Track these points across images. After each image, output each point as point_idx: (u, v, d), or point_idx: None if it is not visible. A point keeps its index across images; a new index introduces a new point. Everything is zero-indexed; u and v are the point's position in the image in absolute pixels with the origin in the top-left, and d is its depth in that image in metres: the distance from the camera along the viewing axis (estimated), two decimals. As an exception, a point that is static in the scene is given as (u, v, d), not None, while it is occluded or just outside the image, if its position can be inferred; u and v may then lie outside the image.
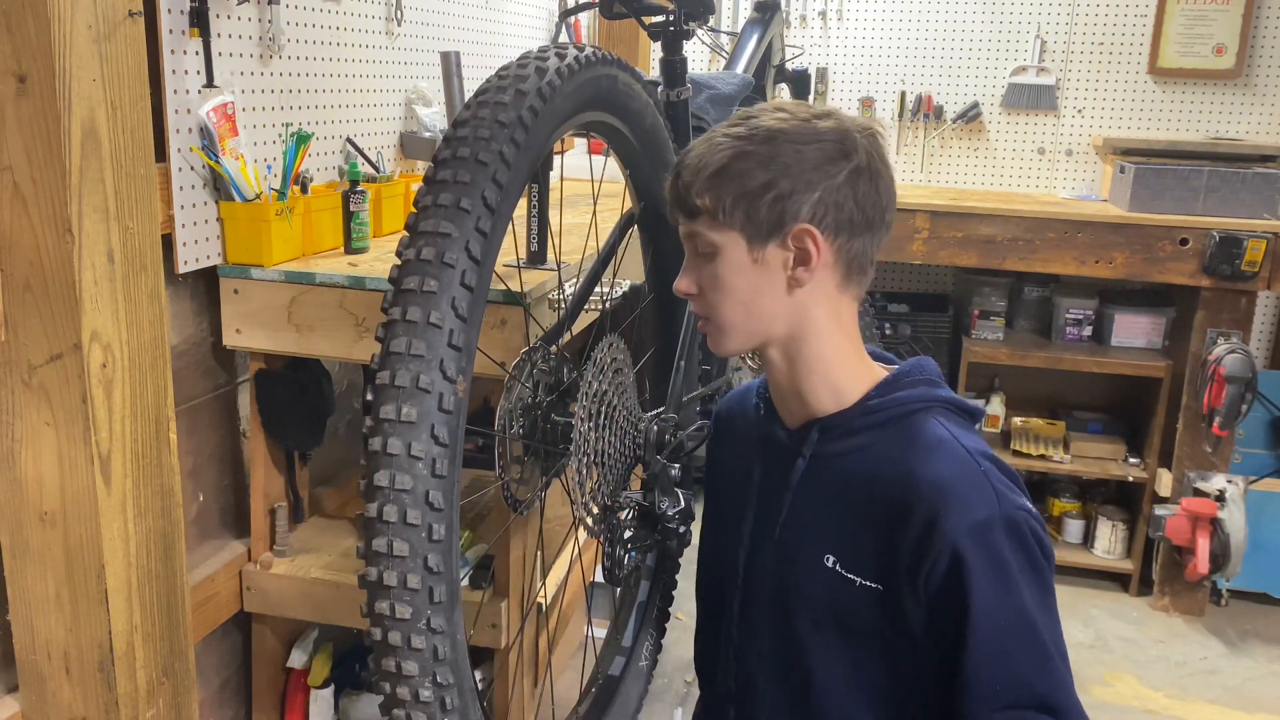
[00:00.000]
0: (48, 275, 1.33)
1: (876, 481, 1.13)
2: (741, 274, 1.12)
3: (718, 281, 1.14)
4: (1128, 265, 3.22)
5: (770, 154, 1.09)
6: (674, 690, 2.76)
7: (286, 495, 2.02)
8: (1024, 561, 1.07)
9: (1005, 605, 1.06)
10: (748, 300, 1.14)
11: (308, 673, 2.08)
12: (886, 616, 1.12)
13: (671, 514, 1.42)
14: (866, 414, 1.16)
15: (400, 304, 0.95)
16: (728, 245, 1.12)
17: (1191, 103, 3.58)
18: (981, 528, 1.06)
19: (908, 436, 1.14)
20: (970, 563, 1.05)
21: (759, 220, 1.10)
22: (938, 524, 1.06)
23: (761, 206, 1.09)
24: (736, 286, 1.13)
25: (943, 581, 1.06)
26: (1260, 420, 3.33)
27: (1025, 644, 1.06)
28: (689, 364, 1.55)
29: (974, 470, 1.09)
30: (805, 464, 1.19)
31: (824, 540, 1.17)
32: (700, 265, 1.15)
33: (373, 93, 2.27)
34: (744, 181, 1.09)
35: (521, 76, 1.08)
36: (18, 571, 1.45)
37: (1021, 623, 1.06)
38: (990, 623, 1.05)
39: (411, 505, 0.92)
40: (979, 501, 1.07)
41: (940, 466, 1.09)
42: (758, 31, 2.25)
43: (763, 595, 1.26)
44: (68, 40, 1.28)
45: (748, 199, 1.09)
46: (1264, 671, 3.07)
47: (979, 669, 1.06)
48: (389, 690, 0.97)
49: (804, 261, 1.11)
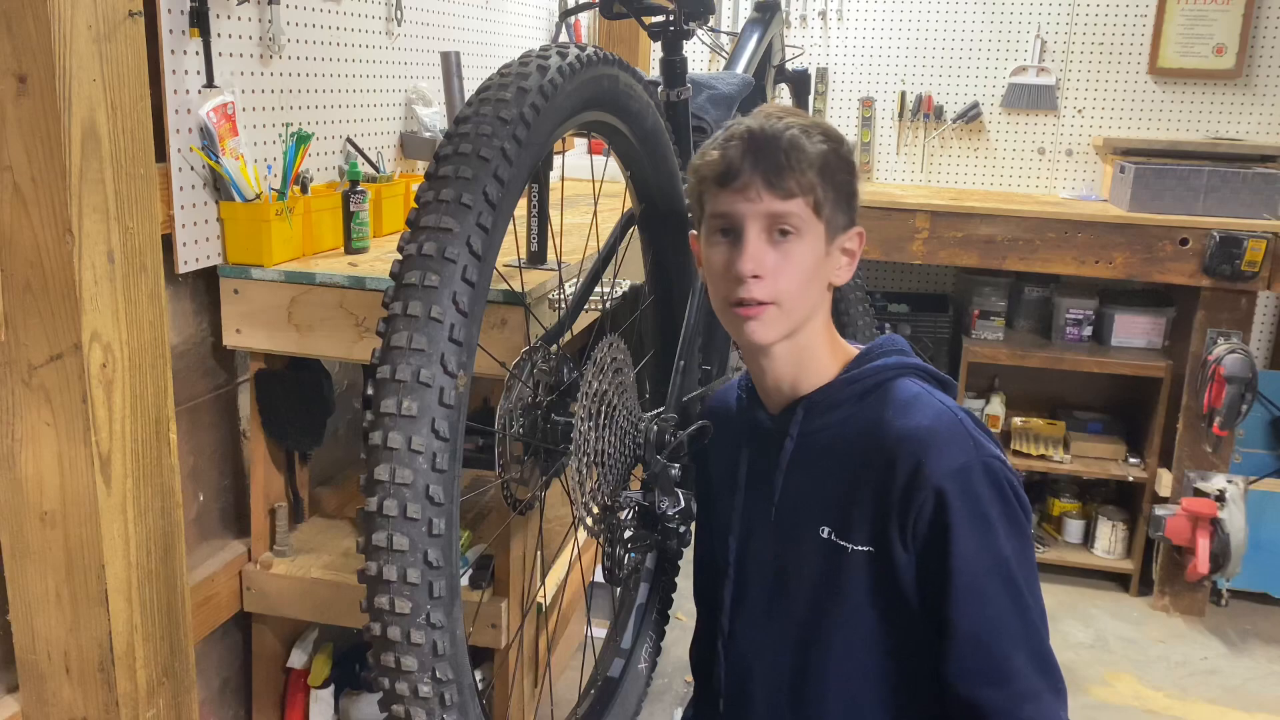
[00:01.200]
0: (48, 275, 1.33)
1: (861, 446, 1.18)
2: (818, 261, 1.17)
3: (797, 264, 1.16)
4: (1128, 265, 3.22)
5: (847, 156, 1.19)
6: (674, 690, 2.76)
7: (286, 495, 2.02)
8: (1001, 510, 1.11)
9: (986, 549, 1.10)
10: (814, 287, 1.18)
11: (308, 673, 2.07)
12: (881, 580, 1.16)
13: (671, 514, 1.42)
14: (847, 385, 1.21)
15: (401, 298, 0.95)
16: (812, 232, 1.16)
17: (1191, 103, 3.58)
18: (964, 472, 1.11)
19: (885, 399, 1.19)
20: (952, 505, 1.10)
21: (838, 218, 1.18)
22: (921, 469, 1.11)
23: (843, 205, 1.18)
24: (811, 272, 1.17)
25: (928, 528, 1.11)
26: (1260, 420, 3.33)
27: (1006, 587, 1.11)
28: (689, 364, 1.55)
29: (950, 418, 1.15)
30: (793, 443, 1.24)
31: (817, 513, 1.21)
32: (773, 246, 1.16)
33: (373, 93, 2.27)
34: (836, 177, 1.16)
35: (523, 74, 1.08)
36: (18, 571, 1.45)
37: (1001, 568, 1.10)
38: (971, 567, 1.10)
39: (412, 500, 0.91)
40: (957, 447, 1.12)
41: (918, 417, 1.15)
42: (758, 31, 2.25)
43: (757, 581, 1.29)
44: (68, 40, 1.28)
45: (837, 195, 1.16)
46: (1264, 671, 3.07)
47: (962, 610, 1.10)
48: (388, 686, 0.97)
49: (850, 258, 1.21)
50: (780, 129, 1.15)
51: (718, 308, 1.22)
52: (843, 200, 1.18)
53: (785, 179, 1.14)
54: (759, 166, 1.14)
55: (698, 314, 1.57)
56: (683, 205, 1.61)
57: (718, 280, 1.19)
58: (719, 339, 1.91)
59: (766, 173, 1.14)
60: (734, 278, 1.16)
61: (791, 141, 1.14)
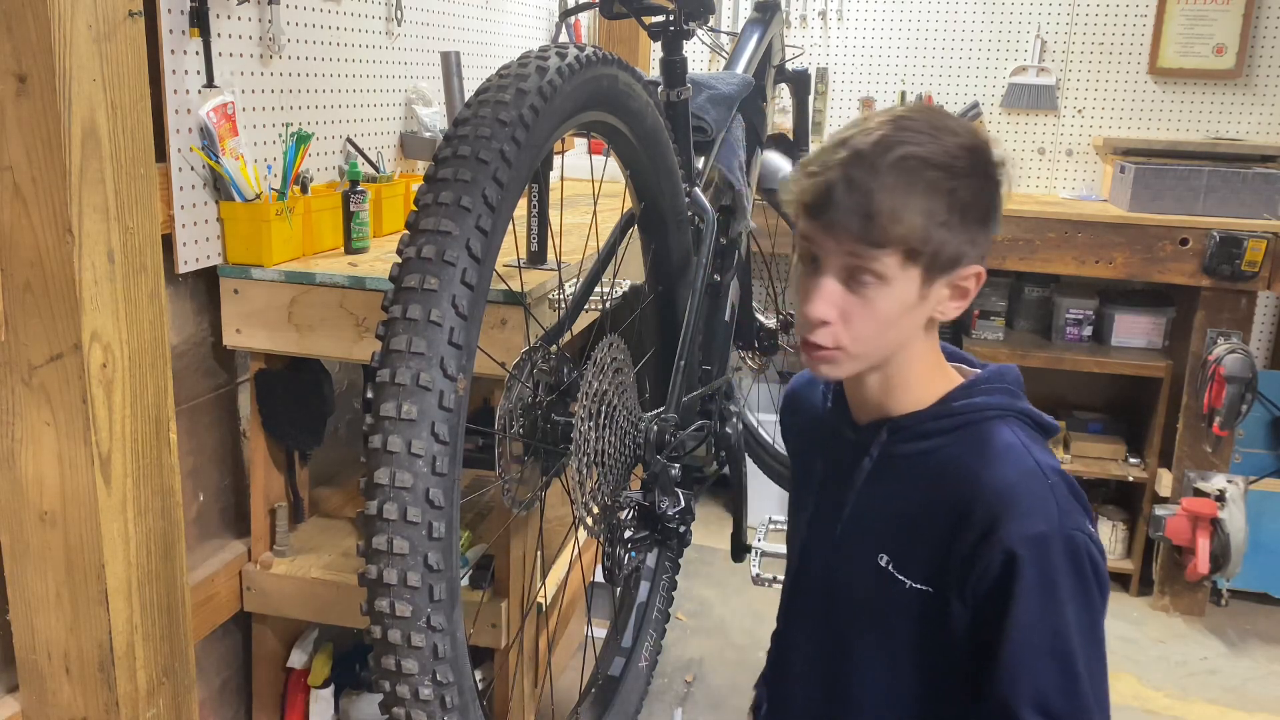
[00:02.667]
0: (48, 275, 1.33)
1: (941, 484, 1.10)
2: (902, 308, 1.06)
3: (874, 313, 1.05)
4: (1128, 265, 3.22)
5: (969, 192, 1.04)
6: (674, 690, 2.76)
7: (286, 495, 2.02)
8: (1074, 584, 1.04)
9: (1046, 624, 1.03)
10: (893, 332, 1.08)
11: (308, 672, 2.08)
12: (931, 620, 1.10)
13: (671, 514, 1.42)
14: (939, 418, 1.13)
15: (401, 301, 0.95)
16: (903, 281, 1.04)
17: (1191, 103, 3.58)
18: (1041, 540, 1.03)
19: (978, 441, 1.10)
20: (1021, 573, 1.02)
21: (942, 261, 1.04)
22: (997, 529, 1.03)
23: (950, 248, 1.04)
24: (891, 320, 1.06)
25: (992, 587, 1.04)
26: (1260, 420, 3.32)
27: (1059, 666, 1.04)
28: (689, 364, 1.55)
29: (1040, 482, 1.06)
30: (872, 463, 1.17)
31: (880, 539, 1.15)
32: (848, 291, 1.05)
33: (373, 93, 2.27)
34: (946, 222, 1.02)
35: (522, 75, 1.08)
36: (18, 571, 1.45)
37: (1059, 645, 1.04)
38: (1027, 637, 1.03)
39: (412, 503, 0.91)
40: (1040, 514, 1.04)
41: (1007, 473, 1.07)
42: (758, 31, 2.25)
43: (812, 586, 1.26)
44: (68, 40, 1.28)
45: (941, 238, 1.03)
46: (1264, 671, 3.07)
47: (1005, 679, 1.04)
48: (389, 688, 0.97)
49: (959, 298, 1.09)
50: (885, 161, 1.01)
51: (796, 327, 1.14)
52: (962, 238, 1.04)
53: (874, 228, 1.01)
54: (849, 205, 1.01)
55: (698, 314, 1.57)
56: (683, 205, 1.61)
57: (799, 301, 1.11)
58: (719, 339, 1.92)
59: (856, 215, 1.01)
60: (801, 316, 1.08)
61: (895, 182, 1.00)
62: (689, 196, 1.63)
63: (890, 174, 1.01)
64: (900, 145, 1.02)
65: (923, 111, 1.08)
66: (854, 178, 1.02)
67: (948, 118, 1.08)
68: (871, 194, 1.00)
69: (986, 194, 1.06)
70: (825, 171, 1.04)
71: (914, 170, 1.01)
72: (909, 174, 1.01)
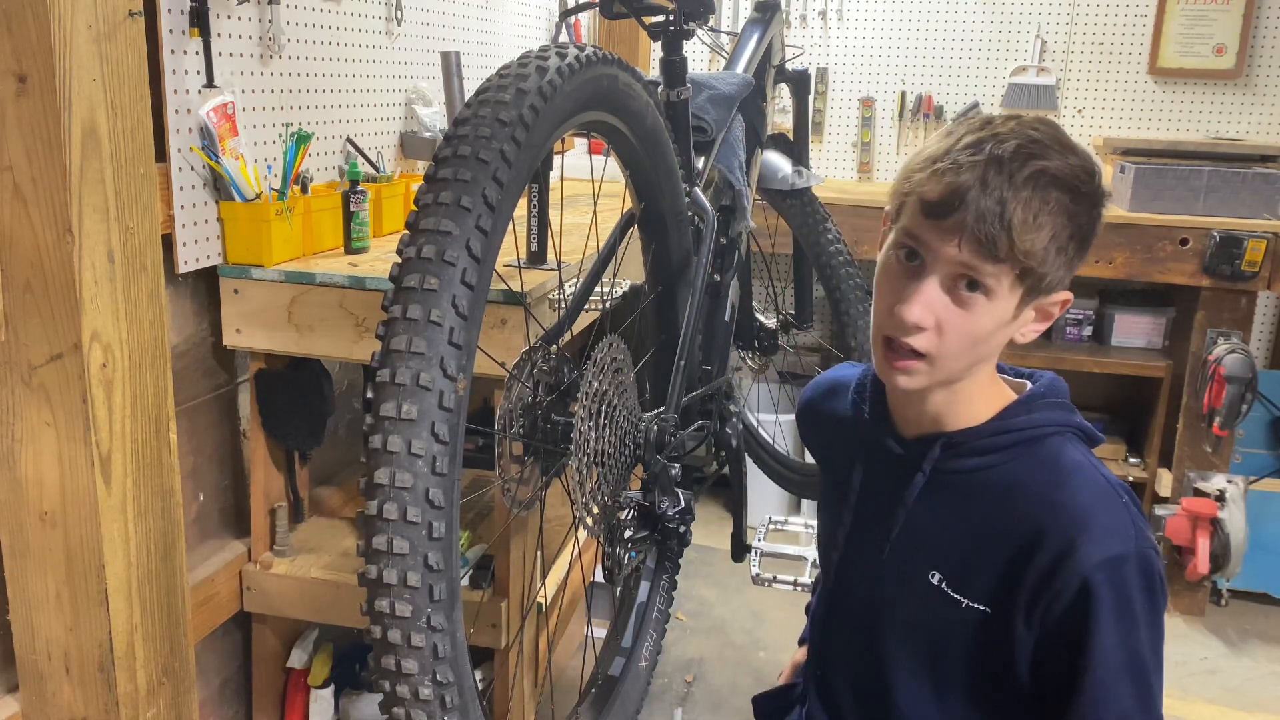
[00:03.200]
0: (48, 275, 1.33)
1: (1008, 503, 1.08)
2: (997, 325, 1.04)
3: (969, 324, 1.02)
4: (1128, 265, 3.22)
5: (1086, 217, 1.01)
6: (674, 690, 2.76)
7: (286, 495, 2.02)
8: (1147, 602, 1.03)
9: (1124, 645, 1.02)
10: (978, 349, 1.05)
11: (308, 672, 2.08)
12: (988, 641, 1.09)
13: (671, 514, 1.42)
14: (997, 434, 1.10)
15: (401, 301, 0.95)
16: (1007, 298, 1.02)
17: (1191, 103, 3.58)
18: (1117, 563, 1.01)
19: (1044, 460, 1.08)
20: (1099, 597, 1.01)
21: (1048, 282, 1.02)
22: (1073, 552, 1.01)
23: (1059, 269, 1.02)
24: (985, 335, 1.03)
25: (1066, 612, 1.03)
26: (1260, 420, 3.32)
27: (1137, 685, 1.03)
28: (689, 364, 1.55)
29: (1115, 502, 1.05)
30: (924, 479, 1.14)
31: (933, 557, 1.12)
32: (952, 297, 1.02)
33: (373, 93, 2.27)
34: (1064, 247, 1.00)
35: (522, 75, 1.08)
36: (18, 571, 1.45)
37: (1135, 664, 1.03)
38: (1107, 661, 1.02)
39: (411, 503, 0.91)
40: (1118, 535, 1.02)
41: (1081, 494, 1.05)
42: (758, 31, 2.25)
43: (852, 603, 1.23)
44: (68, 40, 1.28)
45: (1056, 262, 1.00)
46: (1264, 671, 3.07)
47: (1089, 706, 1.03)
48: (389, 688, 0.97)
49: (1044, 320, 1.08)
50: (1022, 174, 0.97)
51: (873, 323, 1.10)
52: (1063, 264, 1.01)
53: (999, 244, 0.97)
54: (980, 211, 0.97)
55: (698, 314, 1.57)
56: (683, 205, 1.61)
57: (882, 298, 1.07)
58: (719, 339, 1.91)
59: (985, 224, 0.97)
60: (896, 316, 1.03)
61: (1030, 196, 0.97)
62: (689, 196, 1.63)
63: (1026, 188, 0.97)
64: (1035, 159, 0.99)
65: (1045, 123, 1.04)
66: (990, 184, 0.98)
67: (1064, 133, 1.04)
68: (1005, 204, 0.97)
69: (1096, 220, 1.03)
70: (958, 172, 0.99)
71: (1046, 188, 0.98)
72: (1042, 191, 0.98)
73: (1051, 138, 1.01)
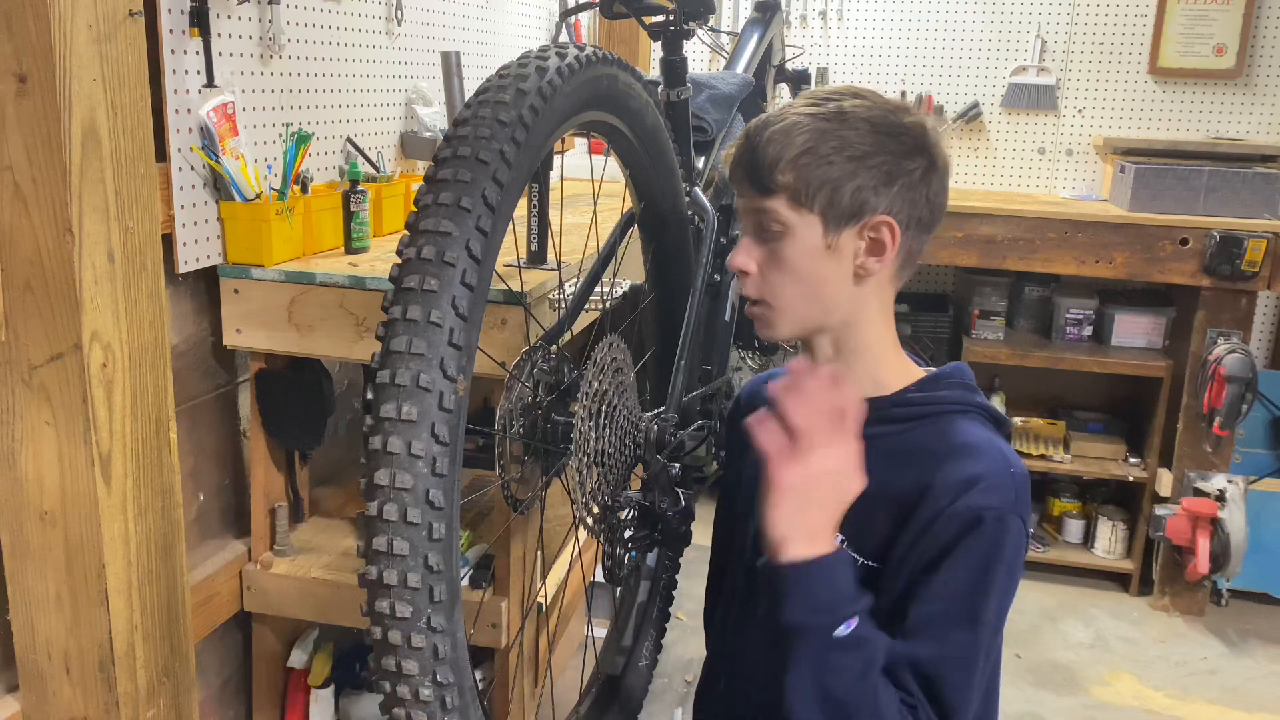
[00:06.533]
0: (48, 275, 1.33)
1: (906, 465, 1.12)
2: (810, 258, 1.11)
3: (783, 263, 1.12)
4: (1128, 265, 3.22)
5: (856, 141, 1.09)
6: (674, 690, 2.76)
7: (286, 495, 2.02)
8: (1010, 566, 1.08)
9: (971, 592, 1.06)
10: (811, 285, 1.13)
11: (308, 672, 2.08)
12: (877, 600, 1.11)
13: (671, 514, 1.42)
14: (903, 405, 1.16)
15: (401, 302, 0.95)
16: (802, 227, 1.10)
17: (1191, 103, 3.58)
18: (994, 514, 1.06)
19: (943, 431, 1.14)
20: (967, 538, 1.06)
21: (840, 206, 1.09)
22: (955, 502, 1.07)
23: (845, 193, 1.09)
24: (803, 270, 1.12)
25: (935, 550, 1.08)
26: (1260, 420, 3.33)
27: (970, 631, 1.07)
28: (689, 364, 1.55)
29: (1005, 469, 1.10)
30: None
31: None
32: (764, 244, 1.13)
33: (373, 93, 2.27)
34: (829, 166, 1.08)
35: (522, 76, 1.08)
36: (18, 571, 1.45)
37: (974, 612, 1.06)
38: (954, 594, 1.06)
39: (412, 504, 0.91)
40: (999, 494, 1.08)
41: (976, 463, 1.10)
42: (758, 31, 2.25)
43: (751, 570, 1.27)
44: (68, 40, 1.28)
45: (831, 184, 1.08)
46: (1264, 671, 3.07)
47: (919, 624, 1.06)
48: (389, 689, 0.97)
49: (877, 252, 1.11)
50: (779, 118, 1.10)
51: None
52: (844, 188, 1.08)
53: (760, 175, 1.10)
54: (744, 160, 1.12)
55: (698, 313, 1.57)
56: (683, 204, 1.61)
57: None
58: (719, 339, 1.91)
59: (751, 169, 1.11)
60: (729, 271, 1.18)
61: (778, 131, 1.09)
62: (689, 196, 1.63)
63: (774, 129, 1.10)
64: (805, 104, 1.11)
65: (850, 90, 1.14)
66: (750, 137, 1.12)
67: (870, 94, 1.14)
68: (758, 145, 1.10)
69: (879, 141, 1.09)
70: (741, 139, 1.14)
71: (797, 124, 1.09)
72: (793, 127, 1.09)
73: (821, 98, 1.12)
